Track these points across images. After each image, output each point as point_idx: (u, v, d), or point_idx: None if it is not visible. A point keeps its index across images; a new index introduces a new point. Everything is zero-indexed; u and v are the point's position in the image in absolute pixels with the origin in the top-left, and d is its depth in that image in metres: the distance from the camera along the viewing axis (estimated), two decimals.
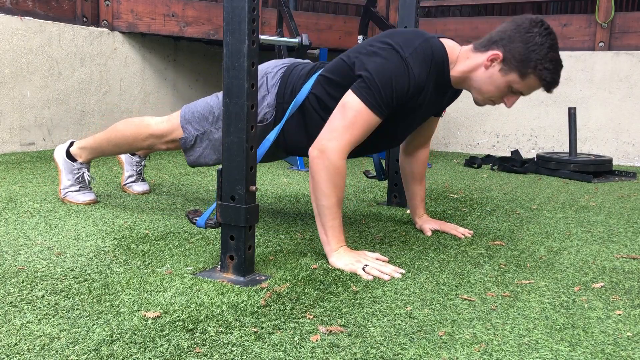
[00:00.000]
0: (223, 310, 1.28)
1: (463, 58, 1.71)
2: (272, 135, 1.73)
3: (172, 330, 1.17)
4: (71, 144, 2.30)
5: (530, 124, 4.66)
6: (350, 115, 1.62)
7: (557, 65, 1.64)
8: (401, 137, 1.91)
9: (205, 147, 1.98)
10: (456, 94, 1.94)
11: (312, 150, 1.63)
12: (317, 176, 1.61)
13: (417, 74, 1.64)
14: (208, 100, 2.00)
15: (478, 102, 1.77)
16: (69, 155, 2.28)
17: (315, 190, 1.62)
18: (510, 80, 1.66)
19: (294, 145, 1.92)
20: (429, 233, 2.04)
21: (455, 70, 1.72)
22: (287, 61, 1.99)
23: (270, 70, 1.93)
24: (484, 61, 1.67)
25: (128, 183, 2.57)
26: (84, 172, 2.28)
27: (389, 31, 1.79)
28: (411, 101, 1.69)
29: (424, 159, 2.11)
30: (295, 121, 1.85)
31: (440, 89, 1.76)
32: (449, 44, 1.74)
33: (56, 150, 2.32)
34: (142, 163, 2.58)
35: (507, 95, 1.71)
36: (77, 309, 1.25)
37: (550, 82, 1.65)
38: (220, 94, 1.98)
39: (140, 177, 2.58)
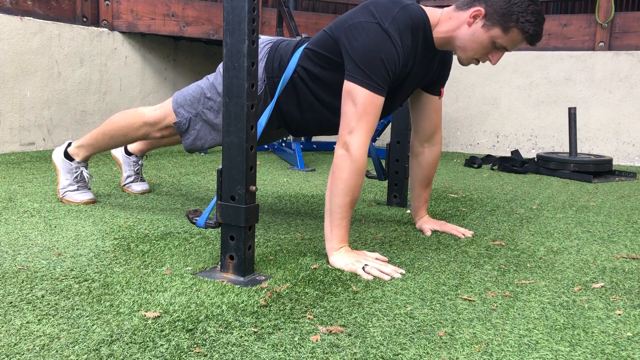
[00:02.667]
0: (223, 310, 1.28)
1: (445, 19, 1.73)
2: (263, 119, 1.74)
3: (172, 330, 1.17)
4: (69, 145, 2.31)
5: (530, 124, 4.66)
6: (360, 104, 1.63)
7: (539, 17, 1.65)
8: (398, 104, 1.93)
9: (200, 128, 1.99)
10: (445, 62, 1.94)
11: (338, 149, 1.65)
12: (339, 173, 1.63)
13: (400, 43, 1.66)
14: (199, 83, 2.02)
15: (462, 62, 1.77)
16: (66, 156, 2.29)
17: (333, 186, 1.64)
18: (493, 36, 1.67)
19: (289, 116, 1.94)
20: (429, 233, 2.03)
21: (438, 32, 1.74)
22: (273, 38, 2.02)
23: (259, 43, 1.95)
24: (466, 19, 1.68)
25: (127, 183, 2.57)
26: (82, 171, 2.29)
27: (365, 2, 1.80)
28: (404, 70, 1.71)
29: (435, 162, 2.09)
30: (286, 94, 1.87)
31: (426, 52, 1.77)
32: (428, 7, 1.77)
33: (54, 152, 2.34)
34: (140, 162, 2.58)
35: (491, 51, 1.72)
36: (77, 309, 1.25)
37: (532, 34, 1.66)
38: (210, 76, 2.00)
39: (138, 176, 2.58)
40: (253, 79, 1.45)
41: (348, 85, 1.66)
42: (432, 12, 1.74)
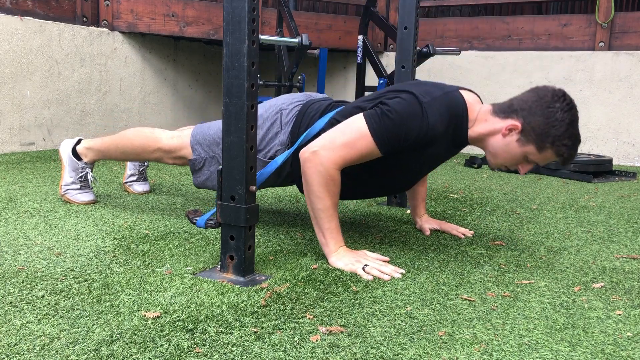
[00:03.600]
0: (223, 310, 1.28)
1: (482, 120, 1.68)
2: (280, 159, 1.72)
3: (172, 330, 1.17)
4: (79, 142, 2.28)
5: None
6: (352, 136, 1.60)
7: (576, 142, 1.61)
8: (410, 182, 1.87)
9: (214, 171, 1.94)
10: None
11: (303, 152, 1.61)
12: (310, 179, 1.60)
13: (432, 123, 1.60)
14: (220, 125, 1.96)
15: (491, 166, 1.74)
16: (74, 153, 2.27)
17: (310, 193, 1.62)
18: (527, 151, 1.64)
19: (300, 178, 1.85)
20: (428, 233, 2.04)
21: (473, 131, 1.69)
22: (303, 97, 1.96)
23: (285, 106, 1.91)
24: (502, 129, 1.64)
25: (129, 182, 2.57)
26: (87, 172, 2.28)
27: (407, 82, 1.77)
28: (424, 149, 1.66)
29: None
30: None
31: (457, 143, 1.74)
32: (469, 99, 1.71)
33: (63, 145, 2.30)
34: (145, 163, 2.58)
35: (522, 162, 1.69)
36: (77, 309, 1.25)
37: (567, 157, 1.62)
38: None
39: (142, 176, 2.58)
40: (253, 79, 1.45)
41: (357, 116, 1.62)
42: (471, 107, 1.69)
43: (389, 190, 1.88)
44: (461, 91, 1.72)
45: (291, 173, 1.89)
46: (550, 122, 1.57)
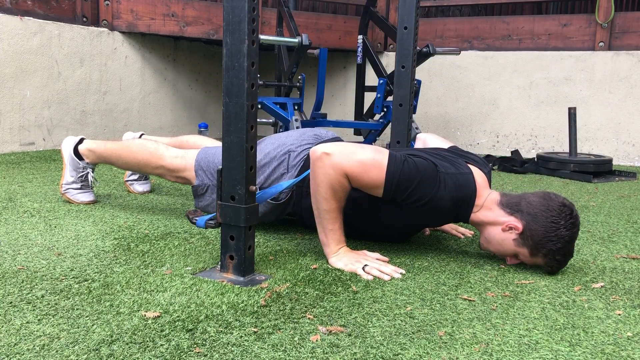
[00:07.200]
0: (223, 310, 1.28)
1: (487, 207, 1.68)
2: (285, 184, 1.72)
3: (172, 330, 1.17)
4: (81, 141, 2.27)
5: (530, 124, 4.66)
6: (369, 160, 1.59)
7: (567, 257, 1.62)
8: (405, 236, 1.89)
9: (216, 198, 1.93)
10: None
11: (316, 151, 1.61)
12: (318, 179, 1.60)
13: (440, 196, 1.62)
14: None
15: (482, 248, 1.75)
16: (76, 153, 2.26)
17: (316, 193, 1.62)
18: (519, 252, 1.65)
19: (307, 212, 1.84)
20: (427, 232, 2.04)
21: (477, 216, 1.69)
22: (312, 140, 1.95)
23: (294, 148, 1.90)
24: (503, 223, 1.64)
25: (130, 180, 2.57)
26: (88, 172, 2.27)
27: (425, 149, 1.79)
28: (425, 212, 1.67)
29: None
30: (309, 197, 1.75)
31: (457, 219, 1.74)
32: (480, 183, 1.70)
33: (64, 143, 2.28)
34: None
35: (511, 257, 1.70)
36: (77, 309, 1.25)
37: (554, 269, 1.63)
38: None
39: (143, 176, 2.59)
40: (253, 79, 1.45)
41: (384, 150, 1.63)
42: (480, 191, 1.69)
43: (381, 237, 1.88)
44: (473, 171, 1.71)
45: (291, 213, 1.92)
46: (549, 236, 1.57)
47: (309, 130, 2.03)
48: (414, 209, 1.65)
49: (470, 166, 1.73)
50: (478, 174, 1.72)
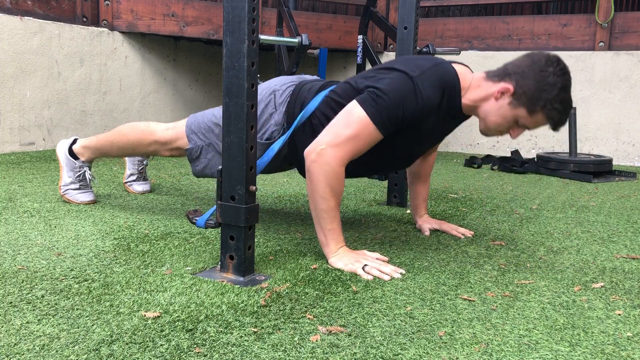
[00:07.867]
0: (223, 310, 1.28)
1: (475, 86, 1.69)
2: (276, 145, 1.72)
3: (172, 330, 1.17)
4: (74, 141, 2.29)
5: None
6: (356, 127, 1.60)
7: (567, 106, 1.61)
8: (411, 158, 1.88)
9: (211, 158, 1.96)
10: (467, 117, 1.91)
11: (310, 153, 1.61)
12: (314, 180, 1.60)
13: (425, 96, 1.62)
14: (214, 112, 1.98)
15: (482, 132, 1.74)
16: (71, 153, 2.27)
17: (313, 193, 1.62)
18: (517, 114, 1.64)
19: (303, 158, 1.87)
20: (427, 233, 2.04)
21: (467, 98, 1.70)
22: (295, 78, 1.97)
23: (278, 87, 1.91)
24: (494, 92, 1.65)
25: (129, 181, 2.57)
26: (85, 171, 2.28)
27: (396, 59, 1.77)
28: (421, 123, 1.67)
29: (432, 159, 2.10)
30: (304, 135, 1.82)
31: (452, 114, 1.74)
32: (460, 69, 1.72)
33: (59, 145, 2.31)
34: (144, 162, 2.58)
35: (513, 127, 1.70)
36: (77, 309, 1.25)
37: (557, 121, 1.63)
38: None
39: (141, 176, 2.58)
40: (253, 79, 1.45)
41: (353, 105, 1.62)
42: (463, 76, 1.70)
43: (388, 168, 1.89)
44: (453, 64, 1.73)
45: (288, 155, 1.90)
46: (541, 86, 1.58)
47: (293, 76, 2.05)
48: (413, 127, 1.66)
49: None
50: (456, 64, 1.73)
